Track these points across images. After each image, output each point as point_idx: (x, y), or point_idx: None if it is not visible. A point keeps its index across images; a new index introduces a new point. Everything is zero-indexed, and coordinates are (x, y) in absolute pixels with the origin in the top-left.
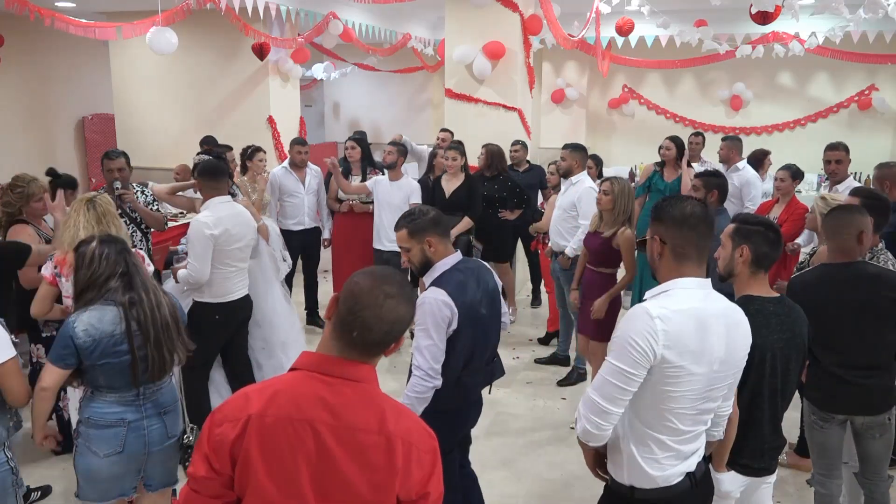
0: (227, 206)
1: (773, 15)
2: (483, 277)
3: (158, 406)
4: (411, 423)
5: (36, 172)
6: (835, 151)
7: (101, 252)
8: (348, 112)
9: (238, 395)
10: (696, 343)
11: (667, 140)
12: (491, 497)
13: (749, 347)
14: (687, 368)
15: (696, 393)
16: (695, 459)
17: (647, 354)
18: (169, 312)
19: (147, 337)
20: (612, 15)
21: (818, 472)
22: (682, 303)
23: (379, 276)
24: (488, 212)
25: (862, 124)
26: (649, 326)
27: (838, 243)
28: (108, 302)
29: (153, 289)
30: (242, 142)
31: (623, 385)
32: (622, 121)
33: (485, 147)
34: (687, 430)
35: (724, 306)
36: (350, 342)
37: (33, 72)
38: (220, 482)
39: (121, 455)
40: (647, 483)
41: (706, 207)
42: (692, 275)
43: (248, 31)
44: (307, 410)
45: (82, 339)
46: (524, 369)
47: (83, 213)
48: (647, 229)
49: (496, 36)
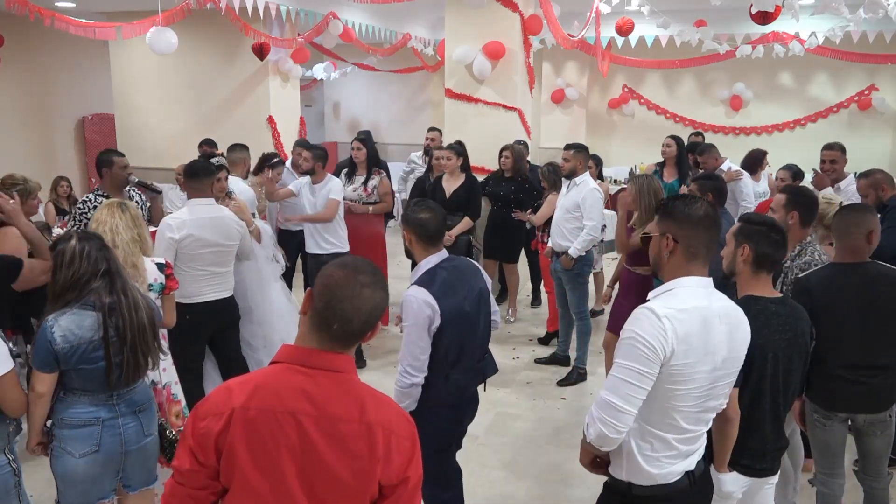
0: (205, 209)
1: (773, 15)
2: (469, 276)
3: (133, 404)
4: (391, 410)
5: (36, 172)
6: (829, 151)
7: (83, 249)
8: (348, 112)
9: (220, 389)
10: (701, 342)
11: (668, 139)
12: (491, 497)
13: (747, 347)
14: (692, 367)
15: (700, 391)
16: (694, 458)
17: (658, 352)
18: (146, 316)
19: (124, 342)
20: (612, 15)
21: (821, 471)
22: (687, 302)
23: (351, 267)
24: (503, 212)
25: (862, 124)
26: (658, 326)
27: (847, 243)
28: (86, 306)
29: (132, 290)
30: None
31: (637, 383)
32: (622, 121)
33: (509, 149)
34: (690, 428)
35: (726, 305)
36: (330, 335)
37: (33, 72)
38: (206, 474)
39: (97, 454)
40: (645, 480)
41: (717, 209)
42: (698, 274)
43: (248, 31)
44: (289, 402)
45: (60, 344)
46: (524, 369)
47: (118, 215)
48: (652, 226)
49: (496, 36)
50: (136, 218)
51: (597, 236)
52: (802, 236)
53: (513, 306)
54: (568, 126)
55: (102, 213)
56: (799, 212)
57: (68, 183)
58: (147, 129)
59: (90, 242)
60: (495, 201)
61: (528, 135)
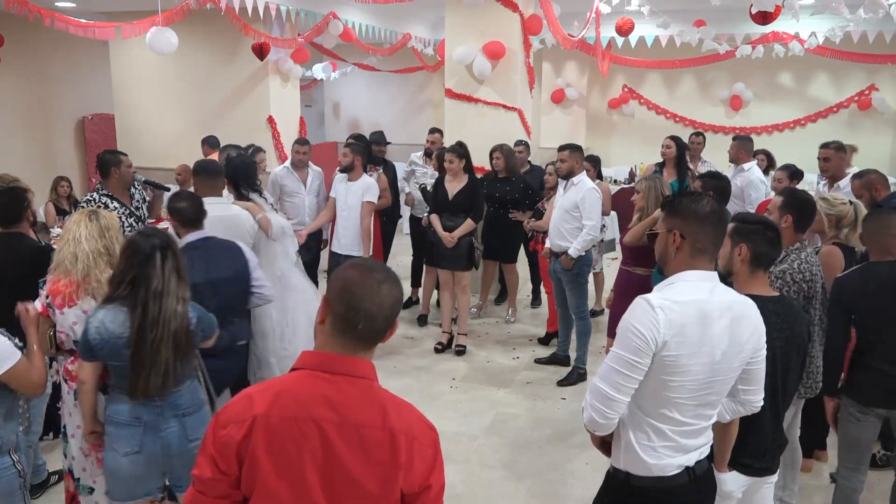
0: (216, 207)
1: (773, 15)
2: (216, 257)
3: (176, 408)
4: (412, 416)
5: (36, 172)
6: (824, 150)
7: (134, 248)
8: (348, 112)
9: (241, 397)
10: (696, 334)
11: (667, 139)
12: (491, 497)
13: (762, 340)
14: (687, 359)
15: (696, 384)
16: (695, 456)
17: (650, 342)
18: (180, 330)
19: (149, 347)
20: (612, 15)
21: (846, 465)
22: (685, 294)
23: (365, 267)
24: (500, 212)
25: (862, 124)
26: (651, 315)
27: (880, 243)
28: (124, 304)
29: (171, 300)
30: (242, 142)
31: (628, 372)
32: (622, 121)
33: (499, 149)
34: (687, 421)
35: (731, 299)
36: (355, 337)
37: (33, 72)
38: (227, 482)
39: (139, 455)
40: (641, 470)
41: (722, 205)
42: (704, 269)
43: (248, 31)
44: (312, 409)
45: (93, 335)
46: (524, 369)
47: (84, 224)
48: (659, 223)
49: (496, 36)
50: (107, 229)
51: (596, 236)
52: (794, 241)
53: (513, 306)
54: (568, 126)
55: (71, 220)
56: (793, 215)
57: (68, 183)
58: (147, 129)
59: (144, 242)
60: (491, 202)
61: (528, 135)
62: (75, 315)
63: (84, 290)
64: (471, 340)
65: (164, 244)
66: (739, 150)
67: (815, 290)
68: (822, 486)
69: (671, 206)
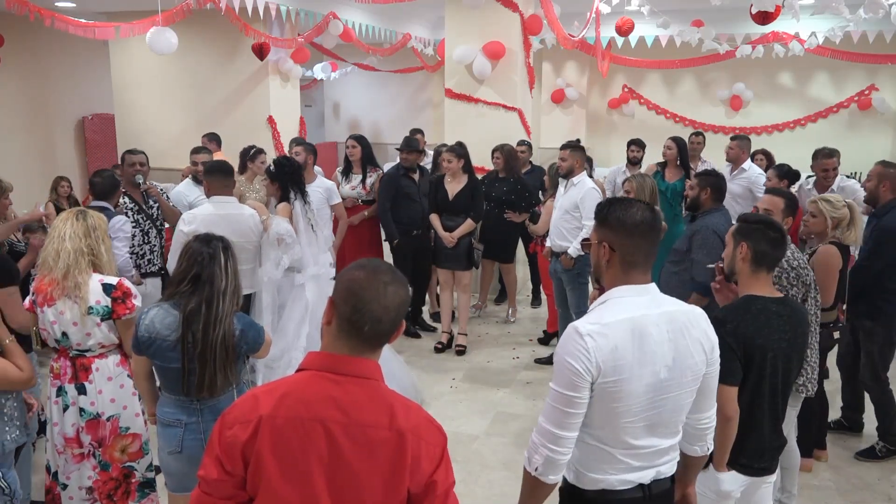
0: (222, 205)
1: (773, 15)
2: None
3: (216, 412)
4: (420, 417)
5: (36, 172)
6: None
7: (191, 251)
8: (348, 112)
9: (247, 397)
10: (633, 353)
11: (668, 140)
12: (491, 497)
13: (713, 350)
14: (628, 382)
15: (642, 405)
16: (650, 473)
17: (583, 374)
18: (223, 337)
19: (196, 351)
20: (612, 15)
21: None
22: (616, 314)
23: (371, 268)
24: (496, 212)
25: (862, 124)
26: (580, 345)
27: None
28: (175, 305)
29: (221, 305)
30: (242, 142)
31: (567, 409)
32: (622, 121)
33: (500, 149)
34: (639, 444)
35: (670, 311)
36: (362, 338)
37: (33, 72)
38: (233, 483)
39: (180, 455)
40: (589, 485)
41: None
42: (638, 282)
43: (248, 31)
44: (318, 410)
45: (142, 332)
46: (524, 369)
47: (70, 222)
48: (591, 232)
49: (496, 36)
50: (93, 229)
51: None
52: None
53: (512, 306)
54: (568, 126)
55: (59, 218)
56: (794, 219)
57: (69, 183)
58: (147, 129)
59: (202, 246)
60: (488, 202)
61: (529, 135)
62: (53, 314)
63: (62, 291)
64: (471, 340)
65: (227, 245)
66: (741, 151)
67: (809, 279)
68: (822, 486)
69: (599, 216)
